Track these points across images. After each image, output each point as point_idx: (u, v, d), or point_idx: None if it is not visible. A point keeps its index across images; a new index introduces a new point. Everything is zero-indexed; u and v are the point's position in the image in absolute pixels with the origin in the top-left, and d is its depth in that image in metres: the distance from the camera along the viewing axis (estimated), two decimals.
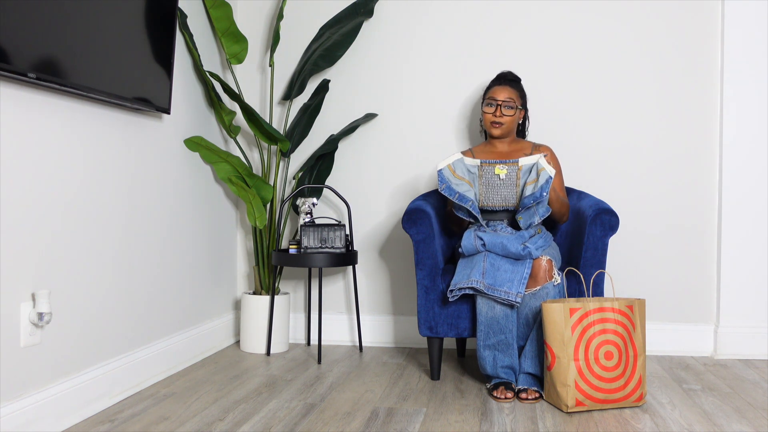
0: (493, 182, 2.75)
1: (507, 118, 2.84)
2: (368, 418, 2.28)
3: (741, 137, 3.18)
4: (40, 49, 1.94)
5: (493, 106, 2.84)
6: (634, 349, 2.39)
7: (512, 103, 2.84)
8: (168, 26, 2.63)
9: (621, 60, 3.28)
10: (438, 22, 3.39)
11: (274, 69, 3.38)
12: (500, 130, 2.85)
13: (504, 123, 2.84)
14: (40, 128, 2.07)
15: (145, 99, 2.50)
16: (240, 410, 2.36)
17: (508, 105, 2.83)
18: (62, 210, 2.16)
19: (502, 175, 2.73)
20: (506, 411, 2.37)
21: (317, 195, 3.34)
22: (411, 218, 2.72)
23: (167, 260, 2.83)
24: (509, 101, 2.83)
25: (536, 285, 2.55)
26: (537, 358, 2.52)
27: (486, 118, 2.87)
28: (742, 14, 3.16)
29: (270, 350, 3.19)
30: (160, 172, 2.78)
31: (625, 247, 3.29)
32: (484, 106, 2.87)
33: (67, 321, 2.19)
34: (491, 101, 2.85)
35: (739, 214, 3.18)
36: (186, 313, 2.99)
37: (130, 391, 2.53)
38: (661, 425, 2.22)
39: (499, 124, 2.84)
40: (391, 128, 3.44)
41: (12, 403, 1.94)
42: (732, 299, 3.19)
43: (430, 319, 2.71)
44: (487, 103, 2.86)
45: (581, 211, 2.79)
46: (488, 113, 2.86)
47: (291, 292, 3.54)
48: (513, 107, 2.84)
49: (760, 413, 2.36)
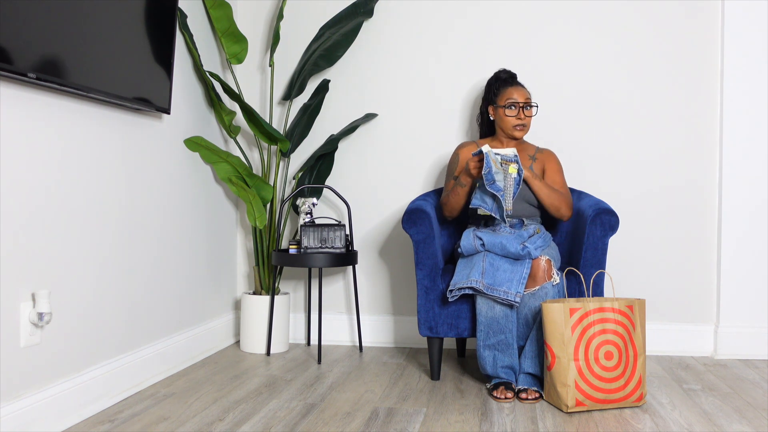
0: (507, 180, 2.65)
1: (529, 119, 2.86)
2: (368, 418, 2.28)
3: (741, 137, 3.18)
4: (40, 49, 1.94)
5: (515, 109, 2.83)
6: (634, 349, 2.39)
7: (532, 102, 2.85)
8: (168, 26, 2.63)
9: (621, 60, 3.28)
10: (438, 21, 3.39)
11: (274, 69, 3.38)
12: (523, 131, 2.85)
13: (526, 124, 2.85)
14: (40, 128, 2.07)
15: (145, 99, 2.50)
16: (240, 410, 2.36)
17: (529, 105, 2.84)
18: (62, 210, 2.16)
19: (513, 174, 2.62)
20: (506, 411, 2.37)
21: (317, 195, 3.34)
22: (411, 218, 2.72)
23: (167, 260, 2.83)
24: (529, 101, 2.84)
25: (535, 285, 2.55)
26: (537, 358, 2.52)
27: (508, 121, 2.84)
28: (742, 14, 3.16)
29: (270, 350, 3.19)
30: (160, 172, 2.78)
31: (625, 247, 3.29)
32: (504, 108, 2.85)
33: (67, 321, 2.19)
34: (513, 103, 2.82)
35: (739, 214, 3.18)
36: (186, 313, 2.99)
37: (130, 391, 2.53)
38: (661, 425, 2.22)
39: (523, 126, 2.84)
40: (391, 128, 3.44)
41: (12, 403, 1.94)
42: (732, 299, 3.19)
43: (430, 319, 2.71)
44: (508, 105, 2.84)
45: (581, 211, 2.79)
46: (511, 116, 2.83)
47: (291, 292, 3.54)
48: (533, 107, 2.85)
49: (760, 413, 2.36)
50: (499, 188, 2.56)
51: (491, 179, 2.55)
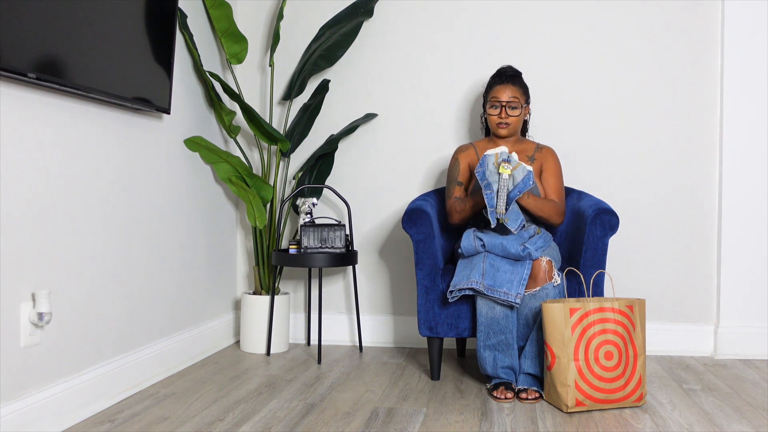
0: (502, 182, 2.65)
1: (513, 119, 2.80)
2: (368, 418, 2.28)
3: (741, 137, 3.18)
4: (40, 49, 1.94)
5: (497, 108, 2.81)
6: (634, 349, 2.39)
7: (516, 102, 2.80)
8: (168, 26, 2.63)
9: (620, 60, 3.28)
10: (438, 21, 3.39)
11: (274, 69, 3.38)
12: (507, 130, 2.82)
13: (510, 123, 2.81)
14: (40, 128, 2.07)
15: (145, 99, 2.50)
16: (240, 410, 2.36)
17: (513, 105, 2.79)
18: (62, 210, 2.16)
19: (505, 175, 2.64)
20: (506, 411, 2.37)
21: (317, 195, 3.34)
22: (411, 218, 2.72)
23: (167, 260, 2.83)
24: (513, 101, 2.79)
25: (536, 286, 2.55)
26: (537, 358, 2.52)
27: (491, 119, 2.83)
28: (742, 14, 3.16)
29: (270, 350, 3.19)
30: (160, 172, 2.78)
31: (625, 247, 3.29)
32: (488, 107, 2.84)
33: (67, 321, 2.19)
34: (495, 102, 2.81)
35: (739, 214, 3.18)
36: (186, 313, 2.99)
37: (130, 391, 2.53)
38: (661, 425, 2.22)
39: (506, 125, 2.81)
40: (391, 128, 3.44)
41: (12, 403, 1.94)
42: (732, 299, 3.19)
43: (430, 319, 2.71)
44: (491, 104, 2.83)
45: (581, 211, 2.79)
46: (493, 115, 2.82)
47: (291, 292, 3.54)
48: (518, 106, 2.80)
49: (760, 413, 2.36)
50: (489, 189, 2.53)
51: (483, 179, 2.54)
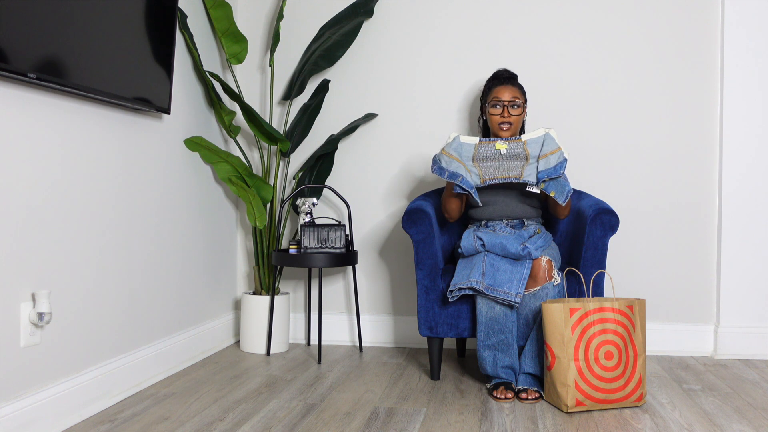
0: (494, 155, 2.72)
1: (515, 117, 2.83)
2: (368, 418, 2.28)
3: (741, 137, 3.18)
4: (40, 49, 1.94)
5: (499, 107, 2.83)
6: (634, 349, 2.39)
7: (518, 101, 2.83)
8: (168, 26, 2.63)
9: (620, 59, 3.28)
10: (438, 21, 3.39)
11: (274, 69, 3.38)
12: (510, 130, 2.84)
13: (513, 123, 2.83)
14: (40, 128, 2.07)
15: (145, 99, 2.50)
16: (240, 410, 2.36)
17: (514, 104, 2.82)
18: (62, 210, 2.16)
19: (502, 150, 2.70)
20: (506, 411, 2.37)
21: (317, 195, 3.34)
22: (411, 218, 2.72)
23: (167, 260, 2.83)
24: (515, 100, 2.82)
25: (536, 285, 2.55)
26: (537, 358, 2.52)
27: (493, 119, 2.85)
28: (742, 14, 3.16)
29: (270, 350, 3.19)
30: (160, 172, 2.78)
31: (625, 247, 3.29)
32: (489, 107, 2.86)
33: (67, 321, 2.19)
34: (497, 102, 2.83)
35: (739, 214, 3.18)
36: (186, 313, 2.99)
37: (130, 391, 2.53)
38: (661, 425, 2.22)
39: (509, 125, 2.83)
40: (391, 128, 3.44)
41: (12, 403, 1.94)
42: (732, 299, 3.19)
43: (430, 319, 2.71)
44: (492, 104, 2.84)
45: (581, 211, 2.79)
46: (495, 114, 2.84)
47: (291, 292, 3.54)
48: (519, 105, 2.83)
49: (760, 413, 2.36)
50: (455, 175, 2.64)
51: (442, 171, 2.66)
